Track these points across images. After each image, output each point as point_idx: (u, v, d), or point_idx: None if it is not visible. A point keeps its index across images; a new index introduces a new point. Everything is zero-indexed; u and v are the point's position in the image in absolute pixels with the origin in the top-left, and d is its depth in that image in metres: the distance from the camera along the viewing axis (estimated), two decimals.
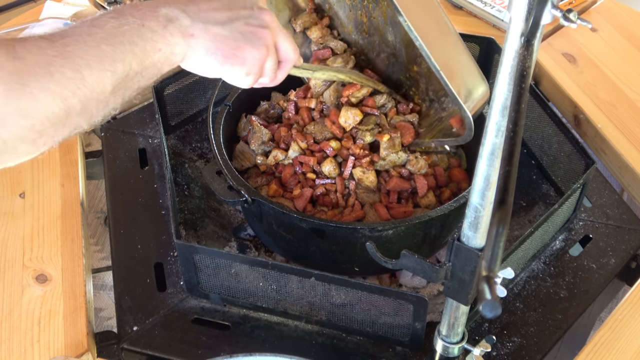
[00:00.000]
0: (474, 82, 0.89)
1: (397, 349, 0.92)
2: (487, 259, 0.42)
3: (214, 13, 0.69)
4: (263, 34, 0.71)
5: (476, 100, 0.89)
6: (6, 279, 0.97)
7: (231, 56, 0.70)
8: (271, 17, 0.73)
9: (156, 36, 0.64)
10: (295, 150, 1.00)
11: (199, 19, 0.67)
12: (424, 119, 1.02)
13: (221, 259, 0.92)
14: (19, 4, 1.50)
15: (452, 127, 0.95)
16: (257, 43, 0.71)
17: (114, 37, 0.61)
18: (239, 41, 0.69)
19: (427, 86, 1.01)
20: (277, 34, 0.74)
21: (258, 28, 0.71)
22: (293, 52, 0.77)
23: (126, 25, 0.62)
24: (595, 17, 1.46)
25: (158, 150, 1.20)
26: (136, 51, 0.62)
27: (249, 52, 0.70)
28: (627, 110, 1.23)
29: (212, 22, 0.68)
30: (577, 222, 1.09)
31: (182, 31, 0.66)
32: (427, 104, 1.02)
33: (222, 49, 0.69)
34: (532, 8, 0.50)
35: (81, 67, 0.58)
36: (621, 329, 0.91)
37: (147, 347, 0.92)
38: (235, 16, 0.70)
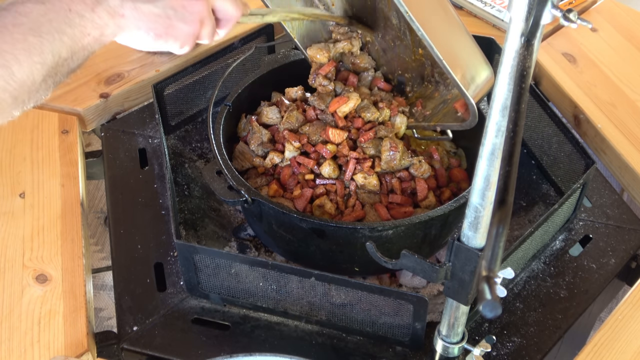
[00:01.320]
0: (477, 67, 0.88)
1: (397, 349, 0.92)
2: (487, 259, 0.42)
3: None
4: (196, 6, 0.70)
5: (480, 86, 0.88)
6: (6, 279, 0.97)
7: (164, 34, 0.68)
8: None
9: (84, 21, 0.62)
10: (291, 151, 1.00)
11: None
12: (430, 101, 1.01)
13: (221, 259, 0.92)
14: None
15: (457, 111, 0.95)
16: (190, 18, 0.69)
17: (40, 27, 0.60)
18: (171, 19, 0.68)
19: (432, 68, 1.00)
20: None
21: (190, 1, 0.69)
22: (234, 9, 0.76)
23: (53, 12, 0.61)
24: (595, 17, 1.46)
25: (158, 150, 1.20)
26: (65, 39, 0.61)
27: (182, 29, 0.69)
28: (627, 110, 1.23)
29: (142, 0, 0.66)
30: (577, 222, 1.09)
31: (111, 12, 0.64)
32: (433, 86, 1.02)
33: (154, 28, 0.67)
34: (532, 8, 0.50)
35: (9, 62, 0.58)
36: (621, 329, 0.91)
37: (147, 347, 0.92)
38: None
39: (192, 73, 1.19)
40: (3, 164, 1.14)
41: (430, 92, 1.02)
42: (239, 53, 1.24)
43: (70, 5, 0.62)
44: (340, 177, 0.99)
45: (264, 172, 1.03)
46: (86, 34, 0.63)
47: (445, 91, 0.99)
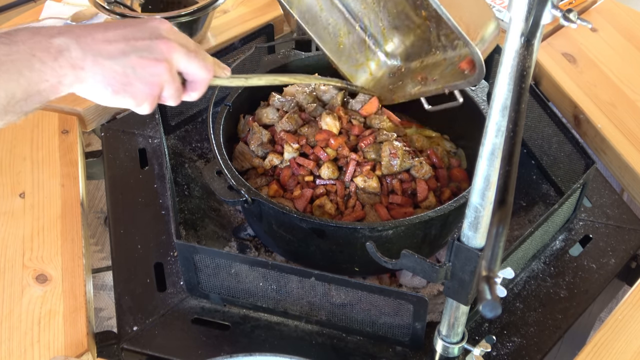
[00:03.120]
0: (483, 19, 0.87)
1: (397, 349, 0.92)
2: (487, 259, 0.42)
3: (107, 45, 0.67)
4: (157, 69, 0.69)
5: (487, 40, 0.86)
6: (6, 279, 0.97)
7: (121, 91, 0.69)
8: (168, 47, 0.70)
9: (45, 67, 0.64)
10: (290, 152, 1.00)
11: (90, 51, 0.66)
12: (436, 68, 1.01)
13: (221, 259, 0.92)
14: (19, 4, 1.50)
15: (464, 70, 0.94)
16: (148, 80, 0.69)
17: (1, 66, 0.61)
18: (129, 77, 0.68)
19: (437, 31, 0.99)
20: (180, 60, 0.71)
21: (152, 62, 0.68)
22: (202, 71, 0.74)
23: (16, 54, 0.62)
24: (595, 17, 1.46)
25: (158, 150, 1.20)
26: (21, 81, 0.63)
27: (138, 88, 0.69)
28: (627, 110, 1.23)
29: (104, 55, 0.67)
30: (577, 222, 1.09)
31: (72, 63, 0.65)
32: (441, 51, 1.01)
33: (112, 84, 0.68)
34: (532, 8, 0.50)
35: None
36: (621, 329, 0.91)
37: (147, 347, 0.92)
38: (130, 49, 0.68)
39: None
40: (3, 164, 1.14)
41: (438, 59, 1.01)
42: (239, 53, 1.24)
43: (34, 51, 0.63)
44: (341, 178, 0.99)
45: (264, 173, 1.03)
46: (44, 79, 0.64)
47: (452, 53, 0.98)
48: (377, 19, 1.07)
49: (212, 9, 1.28)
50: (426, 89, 1.00)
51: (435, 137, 1.13)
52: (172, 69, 0.71)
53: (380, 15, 1.07)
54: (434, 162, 1.04)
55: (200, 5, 1.27)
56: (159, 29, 0.70)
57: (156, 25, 0.70)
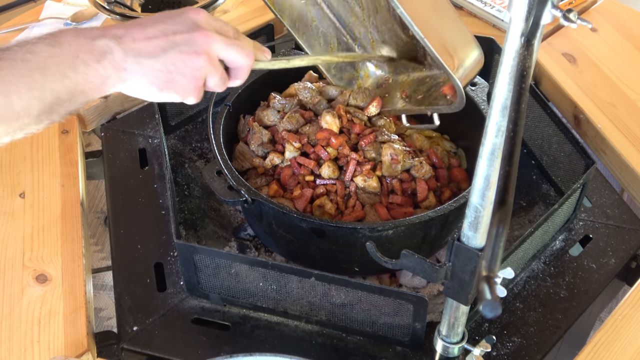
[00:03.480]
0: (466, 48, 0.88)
1: (397, 349, 0.92)
2: (487, 259, 0.42)
3: (147, 43, 0.68)
4: (197, 61, 0.70)
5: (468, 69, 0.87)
6: (6, 279, 0.97)
7: (165, 88, 0.70)
8: (207, 38, 0.71)
9: (88, 69, 0.65)
10: (291, 151, 1.00)
11: (131, 52, 0.68)
12: (422, 85, 1.01)
13: (221, 259, 0.92)
14: (19, 4, 1.50)
15: (446, 94, 0.95)
16: (190, 74, 0.71)
17: (47, 67, 0.63)
18: (172, 73, 0.70)
19: (424, 50, 1.00)
20: (219, 49, 0.72)
21: (192, 56, 0.70)
22: (245, 58, 0.75)
23: (61, 56, 0.64)
24: (595, 17, 1.46)
25: (158, 150, 1.20)
26: (67, 83, 0.64)
27: (182, 83, 0.71)
28: (627, 110, 1.23)
29: (145, 55, 0.68)
30: (577, 222, 1.09)
31: (115, 65, 0.67)
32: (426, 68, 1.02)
33: (156, 82, 0.70)
34: (532, 8, 0.50)
35: (11, 93, 0.61)
36: (621, 329, 0.91)
37: (147, 347, 0.92)
38: (170, 44, 0.69)
39: None
40: (3, 164, 1.14)
41: (424, 75, 1.02)
42: None
43: (78, 53, 0.65)
44: (341, 178, 0.99)
45: (264, 173, 1.03)
46: (88, 81, 0.66)
47: (437, 72, 0.99)
48: (366, 32, 1.08)
49: (212, 9, 1.28)
50: (410, 107, 1.01)
51: (435, 137, 1.13)
52: (213, 59, 0.72)
53: (369, 29, 1.07)
54: (434, 162, 1.04)
55: (200, 5, 1.27)
56: (196, 19, 0.71)
57: (193, 17, 0.71)
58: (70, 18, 1.42)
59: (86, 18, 1.43)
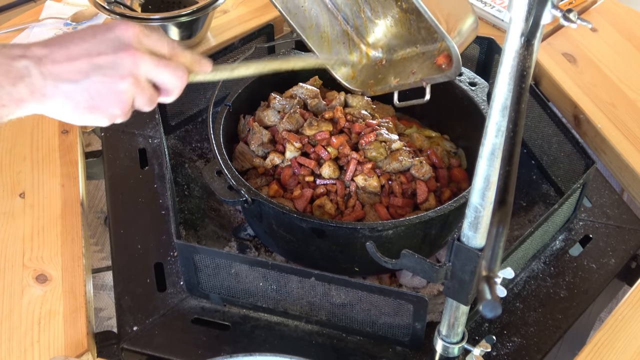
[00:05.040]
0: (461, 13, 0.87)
1: (397, 349, 0.92)
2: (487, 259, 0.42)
3: (68, 66, 0.63)
4: (122, 85, 0.65)
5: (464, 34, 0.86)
6: (6, 279, 0.97)
7: (88, 112, 0.66)
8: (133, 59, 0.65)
9: (2, 92, 0.61)
10: (292, 151, 1.00)
11: (51, 76, 0.63)
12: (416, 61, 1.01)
13: (221, 259, 0.92)
14: (19, 4, 1.50)
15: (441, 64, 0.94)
16: (115, 98, 0.66)
17: None
18: (94, 99, 0.65)
19: (418, 24, 1.00)
20: (148, 70, 0.66)
21: (116, 79, 0.64)
22: (175, 79, 0.69)
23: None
24: (595, 17, 1.46)
25: (158, 150, 1.20)
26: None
27: (106, 108, 0.66)
28: (627, 110, 1.23)
29: (65, 80, 0.63)
30: (577, 222, 1.09)
31: (32, 89, 0.62)
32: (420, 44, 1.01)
33: (77, 108, 0.65)
34: (532, 8, 0.50)
35: None
36: (621, 329, 0.91)
37: (147, 347, 0.92)
38: (92, 68, 0.64)
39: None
40: (3, 164, 1.14)
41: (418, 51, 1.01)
42: (239, 53, 1.24)
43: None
44: (341, 177, 0.99)
45: (264, 173, 1.03)
46: (1, 104, 0.62)
47: (431, 47, 0.98)
48: (359, 11, 1.07)
49: (212, 9, 1.28)
50: (405, 81, 0.99)
51: (435, 137, 1.13)
52: (140, 81, 0.67)
53: (362, 7, 1.06)
54: (434, 162, 1.04)
55: (200, 5, 1.27)
56: (124, 38, 0.65)
57: (121, 34, 0.65)
58: (70, 18, 1.42)
59: (86, 18, 1.43)
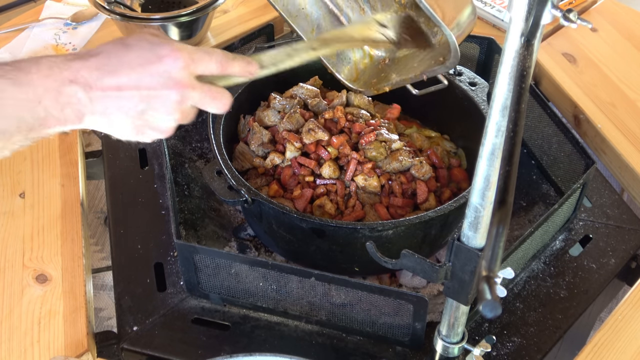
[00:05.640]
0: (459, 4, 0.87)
1: (397, 349, 0.92)
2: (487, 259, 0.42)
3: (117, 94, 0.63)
4: (168, 121, 0.66)
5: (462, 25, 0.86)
6: (6, 279, 0.97)
7: (130, 136, 0.67)
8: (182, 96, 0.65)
9: (49, 116, 0.61)
10: (292, 151, 1.00)
11: (99, 103, 0.63)
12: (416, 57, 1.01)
13: (221, 259, 0.92)
14: (19, 4, 1.50)
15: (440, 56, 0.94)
16: (159, 128, 0.66)
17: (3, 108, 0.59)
18: (138, 128, 0.66)
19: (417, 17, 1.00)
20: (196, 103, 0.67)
21: (163, 115, 0.65)
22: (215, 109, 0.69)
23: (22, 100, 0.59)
24: (595, 17, 1.46)
25: (158, 150, 1.20)
26: (22, 126, 0.61)
27: (149, 135, 0.67)
28: (627, 110, 1.23)
29: (113, 108, 0.63)
30: (577, 222, 1.09)
31: (79, 115, 0.63)
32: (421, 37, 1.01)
33: (121, 132, 0.66)
34: (532, 8, 0.50)
35: None
36: (621, 329, 0.91)
37: (147, 347, 0.92)
38: (142, 99, 0.64)
39: None
40: (3, 164, 1.14)
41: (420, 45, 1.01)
42: (239, 53, 1.24)
43: (42, 99, 0.60)
44: (341, 177, 0.99)
45: (264, 173, 1.03)
46: (47, 126, 0.62)
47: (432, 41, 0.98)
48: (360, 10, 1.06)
49: (212, 9, 1.28)
50: (405, 76, 0.99)
51: (435, 137, 1.13)
52: (185, 113, 0.67)
53: (362, 6, 1.06)
54: (434, 162, 1.04)
55: (200, 5, 1.27)
56: (173, 72, 0.64)
57: (170, 69, 0.64)
58: (70, 18, 1.42)
59: (86, 18, 1.43)
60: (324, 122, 1.04)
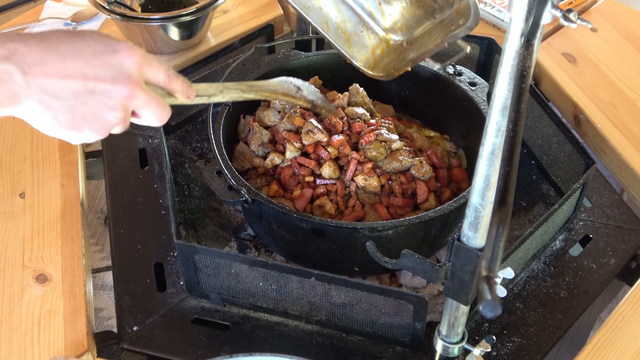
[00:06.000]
0: None
1: (397, 349, 0.92)
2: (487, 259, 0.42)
3: (59, 82, 0.59)
4: (111, 117, 0.62)
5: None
6: (6, 279, 0.97)
7: (64, 129, 0.62)
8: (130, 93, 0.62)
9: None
10: (292, 151, 1.00)
11: (37, 88, 0.58)
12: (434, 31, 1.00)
13: (221, 259, 0.92)
14: (19, 4, 1.50)
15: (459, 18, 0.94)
16: (99, 125, 0.62)
17: None
18: (77, 121, 0.61)
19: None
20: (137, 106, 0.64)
21: (107, 110, 0.61)
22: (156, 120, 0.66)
23: None
24: (595, 17, 1.46)
25: (158, 150, 1.20)
26: None
27: (85, 131, 0.63)
28: (627, 110, 1.23)
29: (52, 95, 0.59)
30: (577, 222, 1.09)
31: (11, 97, 0.58)
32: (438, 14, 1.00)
33: (56, 124, 0.62)
34: (532, 8, 0.50)
35: None
36: (621, 329, 0.91)
37: (147, 347, 0.92)
38: (86, 90, 0.60)
39: (192, 73, 1.19)
40: (3, 164, 1.14)
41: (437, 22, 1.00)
42: (239, 53, 1.24)
43: None
44: (341, 177, 0.99)
45: (264, 173, 1.03)
46: None
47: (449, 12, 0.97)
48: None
49: (212, 9, 1.28)
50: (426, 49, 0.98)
51: (435, 137, 1.13)
52: (127, 114, 0.64)
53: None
54: (434, 162, 1.04)
55: (200, 5, 1.27)
56: (127, 67, 0.62)
57: (125, 62, 0.61)
58: (70, 18, 1.42)
59: (86, 18, 1.43)
60: (324, 123, 1.04)
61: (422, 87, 1.15)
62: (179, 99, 0.69)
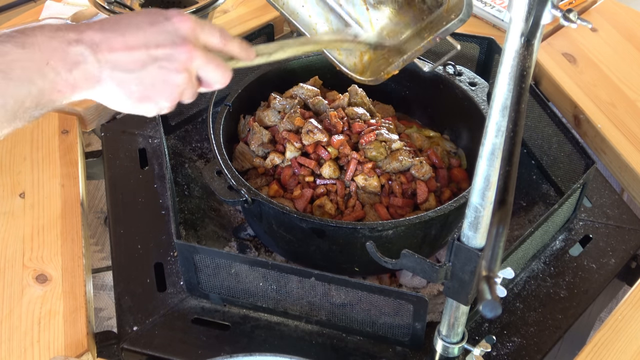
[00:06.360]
0: None
1: (397, 349, 0.92)
2: (487, 259, 0.42)
3: (125, 55, 0.63)
4: (177, 79, 0.66)
5: None
6: (6, 279, 0.97)
7: (138, 102, 0.66)
8: (189, 55, 0.65)
9: (58, 78, 0.61)
10: (292, 151, 1.00)
11: (107, 64, 0.63)
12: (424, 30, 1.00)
13: (221, 259, 0.92)
14: (19, 4, 1.50)
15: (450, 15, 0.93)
16: (168, 91, 0.66)
17: (12, 71, 0.59)
18: (148, 89, 0.65)
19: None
20: (199, 67, 0.67)
21: (172, 73, 0.65)
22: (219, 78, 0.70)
23: (30, 61, 0.59)
24: (595, 17, 1.46)
25: (158, 150, 1.20)
26: (32, 89, 0.60)
27: (158, 101, 0.67)
28: (627, 110, 1.23)
29: (121, 69, 0.63)
30: (577, 222, 1.09)
31: (88, 76, 0.62)
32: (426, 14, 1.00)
33: (130, 97, 0.65)
34: (532, 8, 0.50)
35: None
36: (621, 329, 0.91)
37: (147, 347, 0.92)
38: (150, 59, 0.64)
39: None
40: (3, 164, 1.14)
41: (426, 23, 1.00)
42: None
43: (50, 59, 0.60)
44: (341, 177, 0.99)
45: (264, 173, 1.03)
46: (57, 90, 0.62)
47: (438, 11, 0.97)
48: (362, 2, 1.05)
49: (212, 9, 1.28)
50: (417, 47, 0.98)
51: (435, 137, 1.13)
52: (192, 77, 0.68)
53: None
54: (434, 162, 1.04)
55: (200, 5, 1.27)
56: (181, 30, 0.65)
57: (178, 26, 0.65)
58: (70, 18, 1.42)
59: (86, 18, 1.43)
60: (324, 123, 1.04)
61: (422, 87, 1.15)
62: (240, 61, 0.72)
